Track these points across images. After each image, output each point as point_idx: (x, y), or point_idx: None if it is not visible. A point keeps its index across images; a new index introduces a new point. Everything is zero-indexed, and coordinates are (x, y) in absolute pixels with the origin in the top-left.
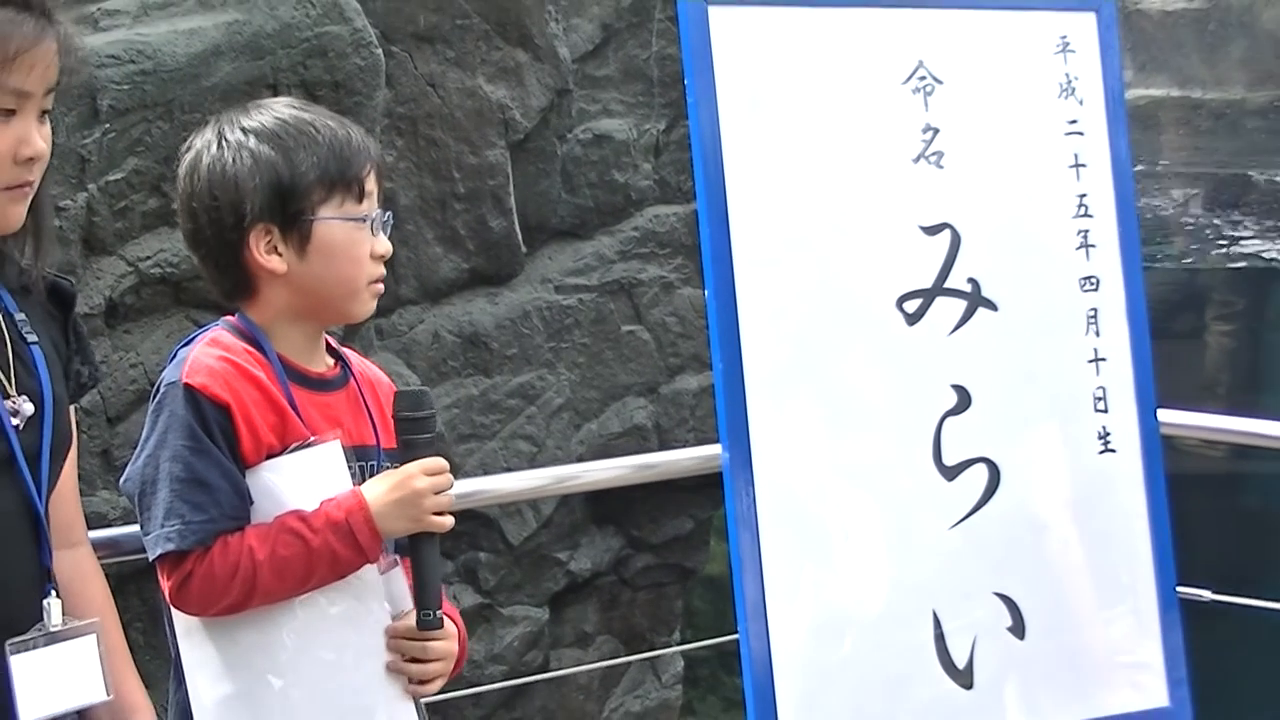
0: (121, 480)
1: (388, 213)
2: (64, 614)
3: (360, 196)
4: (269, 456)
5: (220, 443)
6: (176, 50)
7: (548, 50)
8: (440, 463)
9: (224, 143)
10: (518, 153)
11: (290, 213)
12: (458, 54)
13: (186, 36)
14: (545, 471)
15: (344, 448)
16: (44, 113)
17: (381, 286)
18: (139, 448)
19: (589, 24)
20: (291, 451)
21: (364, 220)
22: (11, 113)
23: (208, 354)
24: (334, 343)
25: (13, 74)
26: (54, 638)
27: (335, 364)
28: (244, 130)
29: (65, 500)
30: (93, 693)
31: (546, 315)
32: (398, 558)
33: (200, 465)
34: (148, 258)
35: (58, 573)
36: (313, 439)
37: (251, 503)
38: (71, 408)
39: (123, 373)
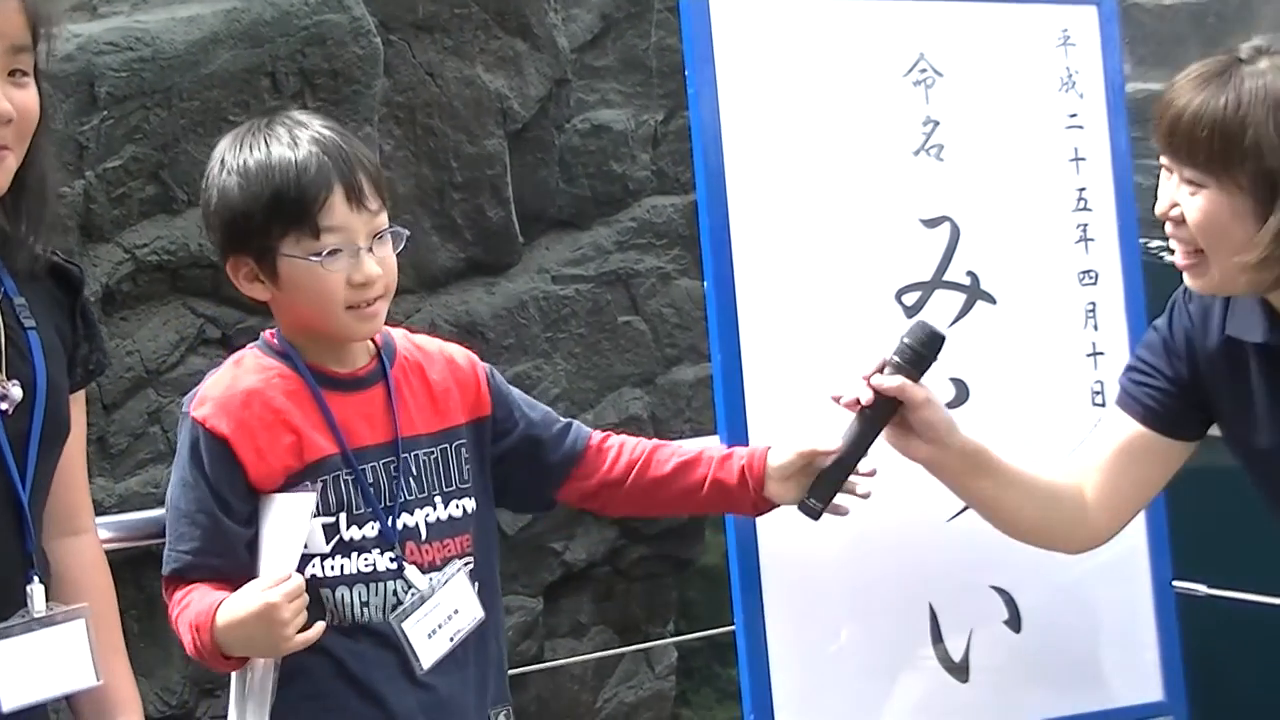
0: None
1: (379, 234)
2: (49, 600)
3: (317, 234)
4: (287, 477)
5: (213, 478)
6: (175, 38)
7: (546, 40)
8: (299, 584)
9: (213, 173)
10: (515, 142)
11: (255, 248)
12: (456, 43)
13: (185, 24)
14: None
15: (365, 447)
16: (17, 73)
17: (373, 307)
18: None
19: (588, 14)
20: (280, 490)
21: (320, 256)
22: None
23: (222, 380)
24: (383, 335)
25: None
26: (37, 624)
27: (372, 359)
28: (222, 163)
29: (68, 486)
30: (81, 679)
31: (543, 305)
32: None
33: (187, 499)
34: (145, 245)
35: (58, 560)
36: (303, 485)
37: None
38: (82, 393)
39: (119, 360)
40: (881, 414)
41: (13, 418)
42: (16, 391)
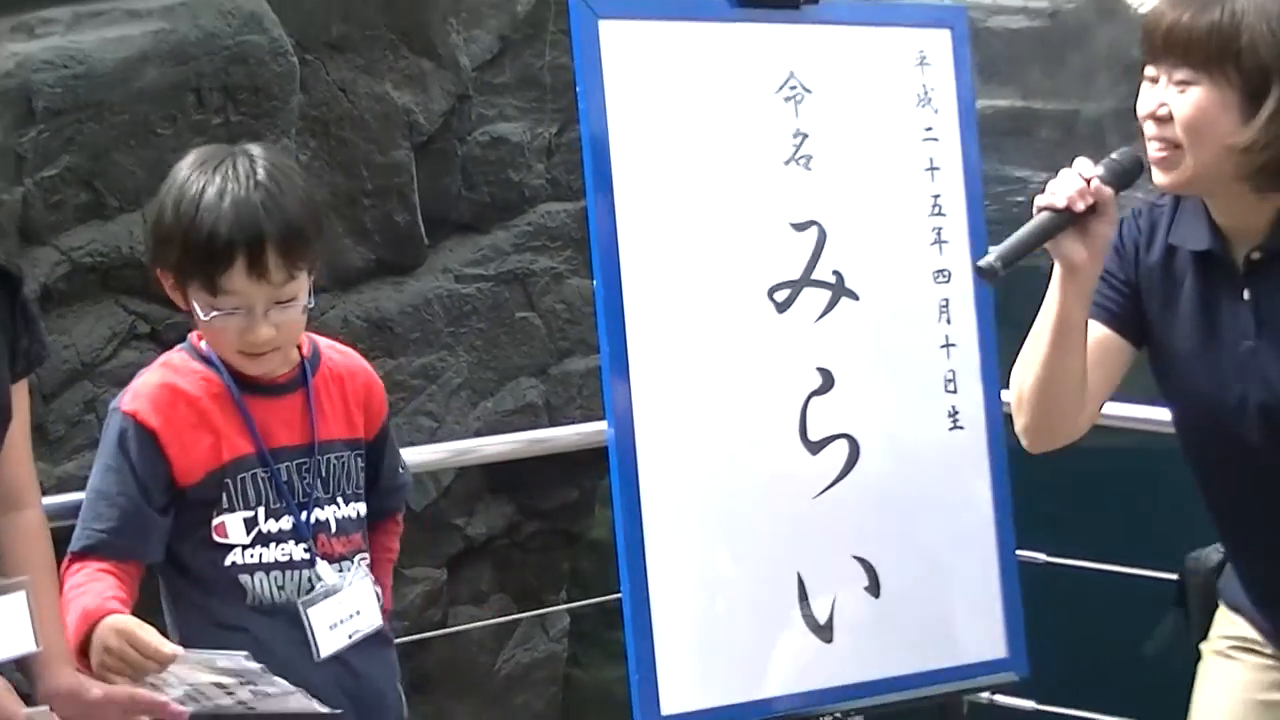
0: None
1: (281, 301)
2: None
3: (215, 293)
4: (207, 473)
5: (139, 466)
6: (106, 56)
7: (449, 59)
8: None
9: (168, 185)
10: (421, 153)
11: (173, 270)
12: (367, 62)
13: (116, 43)
14: (445, 445)
15: (283, 447)
16: None
17: (264, 355)
18: None
19: (488, 35)
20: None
21: (217, 313)
22: None
23: (152, 379)
24: (309, 344)
25: None
26: None
27: (295, 368)
28: (175, 180)
29: (13, 464)
30: (22, 645)
31: (447, 302)
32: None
33: (108, 483)
34: (79, 247)
35: (3, 533)
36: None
37: (170, 517)
38: (24, 382)
39: (57, 354)
40: (1075, 215)
41: None
42: None
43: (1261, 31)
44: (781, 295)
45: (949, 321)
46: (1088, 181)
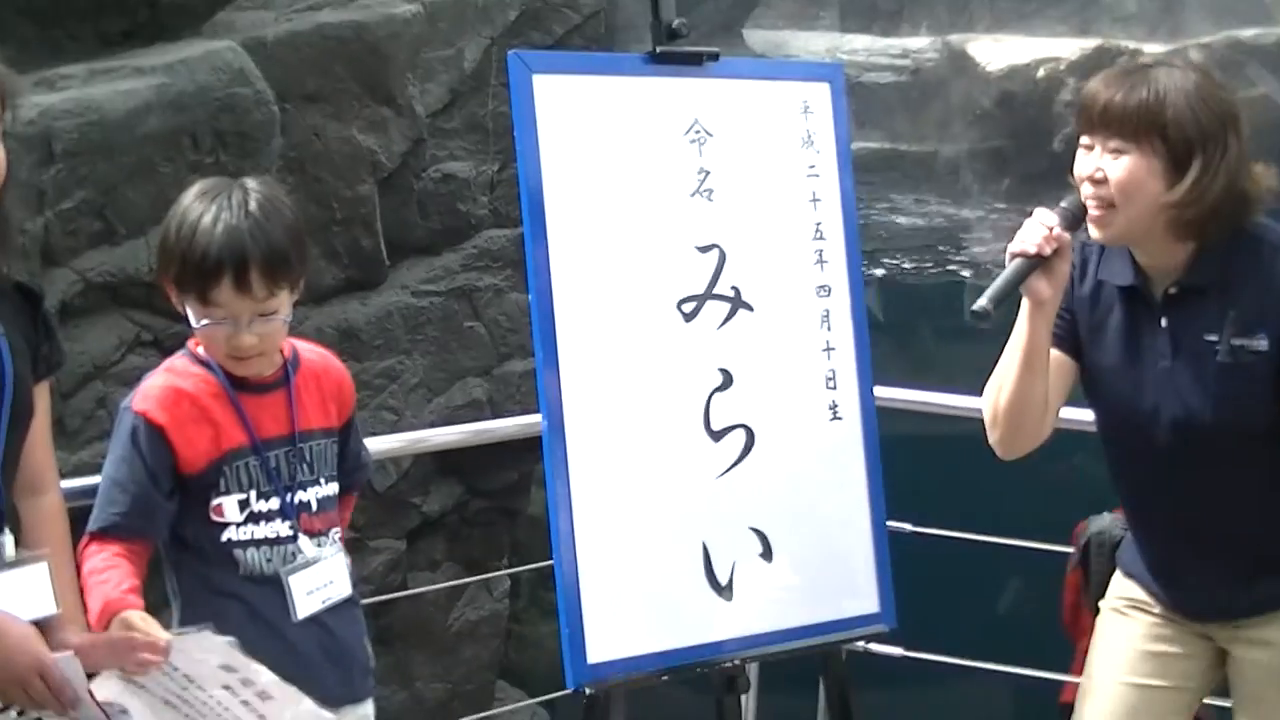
0: None
1: (264, 314)
2: (18, 547)
3: (205, 304)
4: (208, 462)
5: (148, 457)
6: (116, 106)
7: (407, 108)
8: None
9: (176, 208)
10: (383, 187)
11: (174, 282)
12: (336, 110)
13: (124, 95)
14: (403, 435)
15: (271, 437)
16: None
17: (248, 359)
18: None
19: (439, 88)
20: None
21: (206, 322)
22: None
23: (158, 382)
24: (290, 348)
25: None
26: (7, 566)
27: (279, 369)
28: (182, 205)
29: (36, 453)
30: (44, 608)
31: (405, 314)
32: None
33: (122, 472)
34: (92, 269)
35: (26, 513)
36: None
37: (175, 502)
38: (46, 383)
39: (74, 359)
40: (1043, 258)
41: None
42: None
43: (1182, 108)
44: (688, 307)
45: (829, 329)
46: (1050, 229)
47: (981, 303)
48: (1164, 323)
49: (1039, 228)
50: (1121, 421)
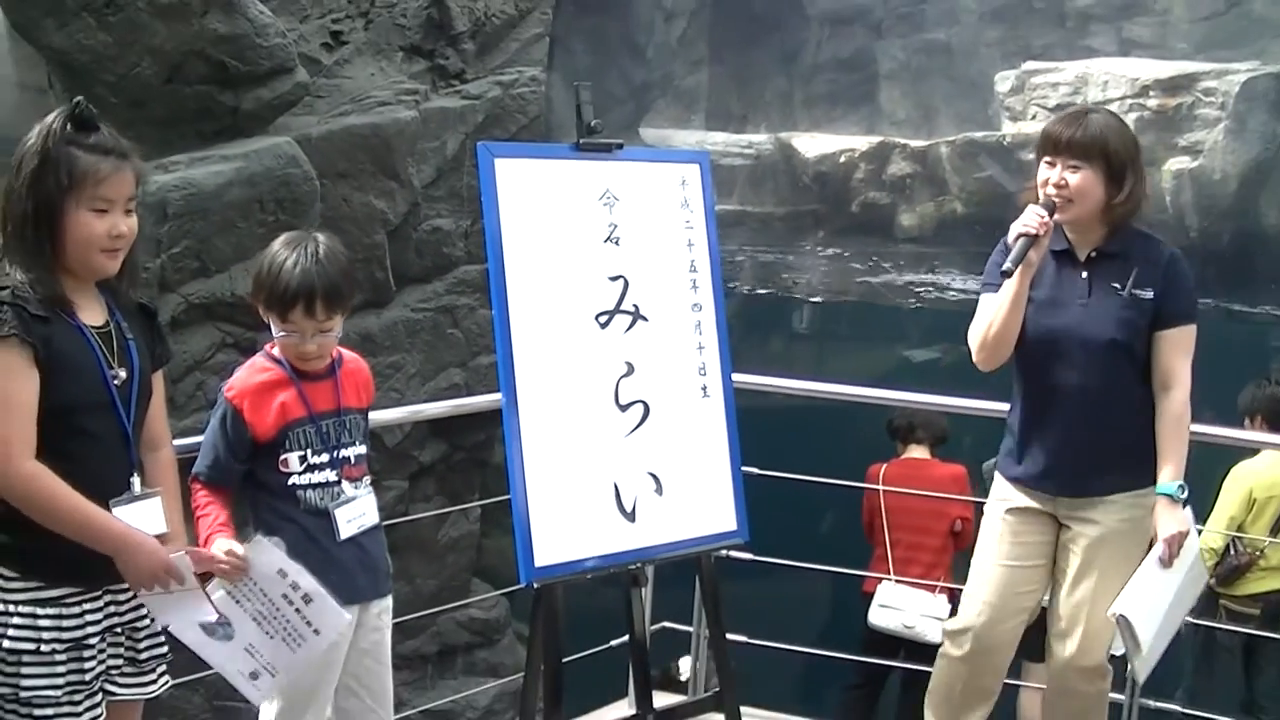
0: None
1: (323, 331)
2: (142, 486)
3: (284, 321)
4: (277, 429)
5: (231, 429)
6: (208, 182)
7: (407, 182)
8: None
9: (268, 252)
10: (391, 237)
11: (264, 304)
12: (359, 184)
13: (214, 175)
14: (406, 409)
15: (323, 411)
16: (127, 211)
17: (310, 361)
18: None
19: (429, 167)
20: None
21: (282, 334)
22: (104, 211)
23: (242, 375)
24: (336, 352)
25: (101, 188)
26: (135, 498)
27: (328, 364)
28: (272, 250)
29: (154, 421)
30: (158, 526)
31: (406, 324)
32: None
33: (214, 440)
34: (193, 294)
35: (147, 464)
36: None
37: (245, 464)
38: (160, 372)
39: (179, 356)
40: (1037, 235)
41: (121, 388)
42: (122, 373)
43: (1117, 140)
44: (603, 319)
45: (701, 333)
46: (1042, 218)
47: (1007, 266)
48: (1084, 275)
49: (1035, 216)
50: (1045, 334)
